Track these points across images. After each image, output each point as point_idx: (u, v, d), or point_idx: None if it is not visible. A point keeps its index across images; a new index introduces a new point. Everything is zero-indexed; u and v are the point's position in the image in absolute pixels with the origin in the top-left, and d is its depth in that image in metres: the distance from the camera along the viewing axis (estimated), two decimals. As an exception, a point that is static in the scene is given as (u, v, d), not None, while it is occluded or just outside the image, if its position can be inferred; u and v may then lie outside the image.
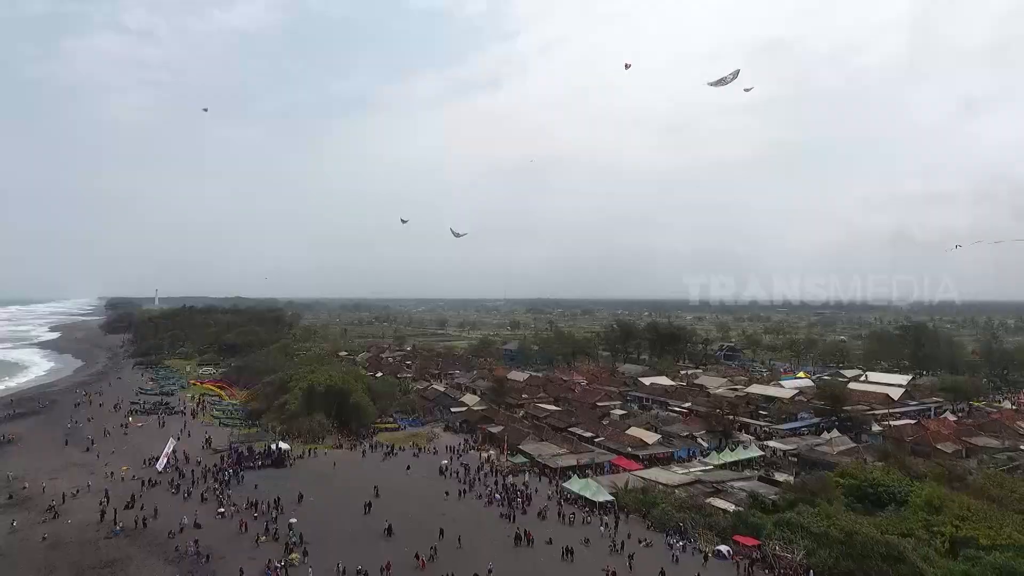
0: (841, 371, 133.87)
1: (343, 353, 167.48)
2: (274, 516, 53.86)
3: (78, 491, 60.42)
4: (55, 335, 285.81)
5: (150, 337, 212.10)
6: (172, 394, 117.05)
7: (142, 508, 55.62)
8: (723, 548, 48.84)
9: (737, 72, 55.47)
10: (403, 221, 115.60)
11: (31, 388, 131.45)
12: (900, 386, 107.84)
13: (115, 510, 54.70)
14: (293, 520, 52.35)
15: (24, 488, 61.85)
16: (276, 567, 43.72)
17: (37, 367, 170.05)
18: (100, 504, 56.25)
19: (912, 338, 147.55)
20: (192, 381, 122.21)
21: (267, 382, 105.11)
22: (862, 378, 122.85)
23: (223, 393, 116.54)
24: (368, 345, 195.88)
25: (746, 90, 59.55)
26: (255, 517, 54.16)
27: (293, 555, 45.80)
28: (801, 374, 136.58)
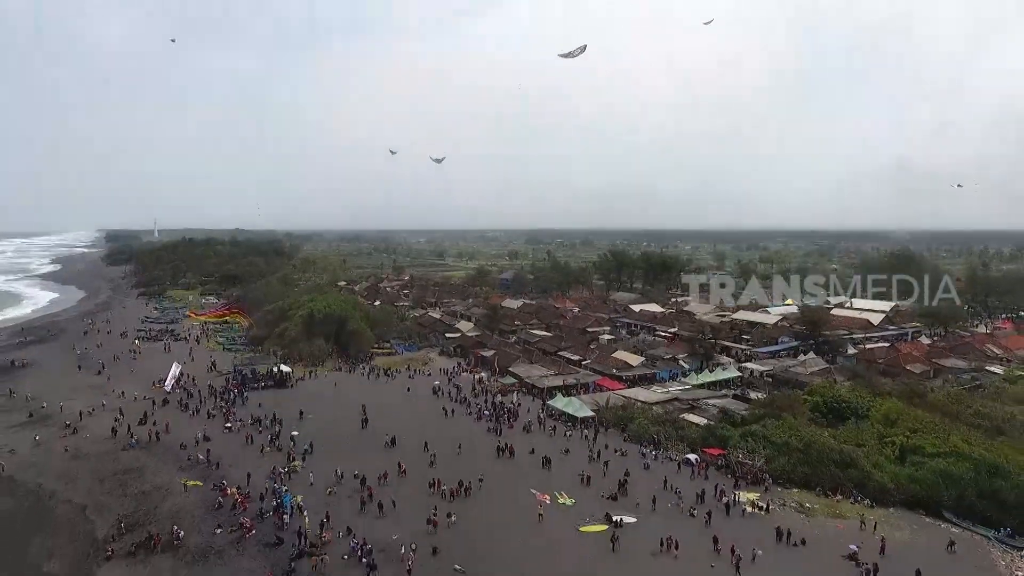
0: (828, 298, 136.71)
1: (342, 283, 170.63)
2: (277, 430, 57.95)
3: (93, 410, 64.40)
4: (57, 267, 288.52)
5: (151, 269, 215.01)
6: (176, 322, 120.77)
7: (154, 424, 59.67)
8: (691, 457, 52.99)
9: (584, 47, 59.16)
10: (392, 152, 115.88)
11: (39, 318, 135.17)
12: (881, 312, 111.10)
13: (128, 426, 58.80)
14: (295, 433, 56.48)
15: (43, 407, 65.89)
16: (280, 472, 47.86)
17: (41, 298, 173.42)
18: (115, 420, 60.27)
19: (901, 266, 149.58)
20: (189, 313, 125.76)
21: (268, 310, 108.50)
22: (847, 304, 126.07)
23: (225, 316, 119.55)
24: (367, 275, 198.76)
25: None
26: (259, 431, 58.35)
27: (295, 462, 49.97)
28: (788, 300, 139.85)
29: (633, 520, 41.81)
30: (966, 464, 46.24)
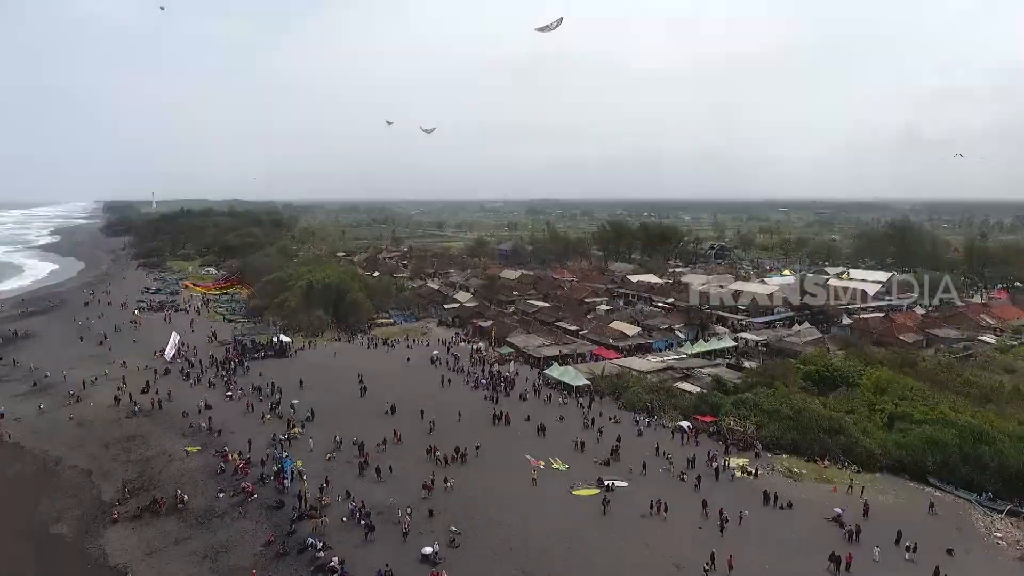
0: (825, 269, 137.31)
1: (341, 254, 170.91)
2: (277, 399, 58.95)
3: (96, 379, 65.36)
4: (56, 238, 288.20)
5: (150, 239, 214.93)
6: (177, 293, 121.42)
7: (157, 393, 60.69)
8: (684, 424, 54.01)
9: (560, 19, 59.83)
10: (388, 123, 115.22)
11: (39, 289, 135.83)
12: (878, 283, 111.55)
13: (130, 394, 59.81)
14: (295, 401, 57.50)
15: (46, 377, 66.89)
16: (280, 439, 48.94)
17: (41, 269, 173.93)
18: (117, 389, 61.26)
19: (899, 237, 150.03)
20: (185, 284, 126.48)
21: (267, 281, 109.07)
22: (844, 275, 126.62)
23: (209, 289, 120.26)
24: (366, 246, 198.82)
25: None
26: (260, 400, 59.39)
27: (295, 429, 51.04)
28: (786, 272, 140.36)
29: (624, 484, 42.93)
30: (951, 431, 47.21)
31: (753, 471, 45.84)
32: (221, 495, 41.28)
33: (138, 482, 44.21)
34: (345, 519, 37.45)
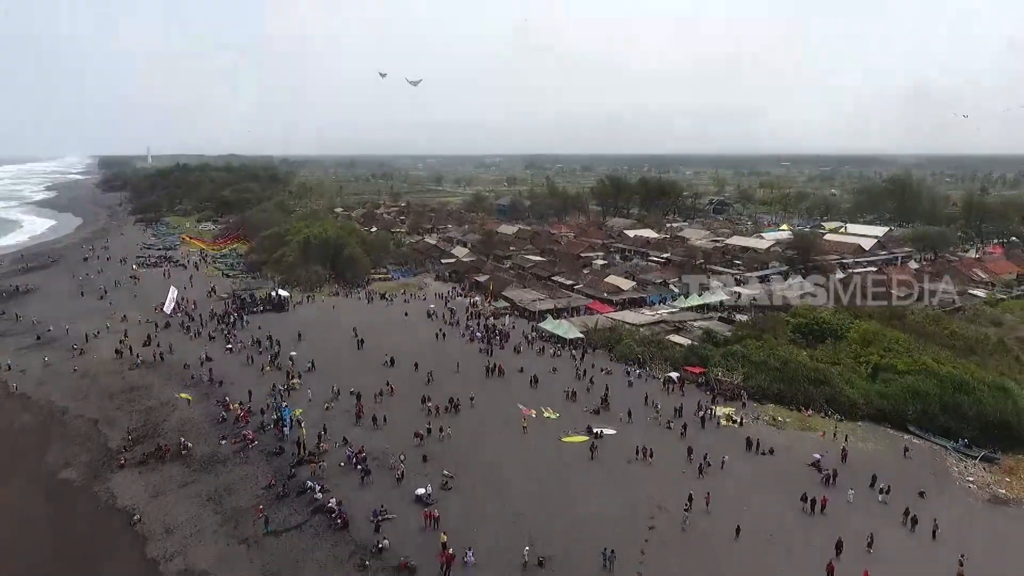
0: (823, 223, 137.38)
1: (339, 209, 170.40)
2: (276, 351, 60.18)
3: (98, 332, 66.52)
4: (52, 194, 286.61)
5: (147, 195, 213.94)
6: (174, 248, 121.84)
7: (158, 346, 61.92)
8: (673, 375, 55.28)
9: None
10: (381, 75, 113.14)
11: (38, 244, 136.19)
12: (874, 237, 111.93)
13: (130, 347, 61.02)
14: (293, 353, 58.71)
15: (49, 330, 68.06)
16: (279, 390, 50.29)
17: (38, 225, 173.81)
18: (119, 343, 62.48)
19: (897, 192, 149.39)
20: (183, 237, 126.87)
21: (265, 236, 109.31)
22: (841, 230, 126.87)
23: (208, 246, 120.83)
24: (363, 202, 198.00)
25: None
26: (259, 352, 60.64)
27: (294, 380, 52.37)
28: (784, 226, 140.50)
29: (613, 432, 44.39)
30: (933, 381, 48.51)
31: (738, 419, 47.28)
32: (223, 442, 42.77)
33: (142, 430, 45.72)
34: (342, 464, 38.99)
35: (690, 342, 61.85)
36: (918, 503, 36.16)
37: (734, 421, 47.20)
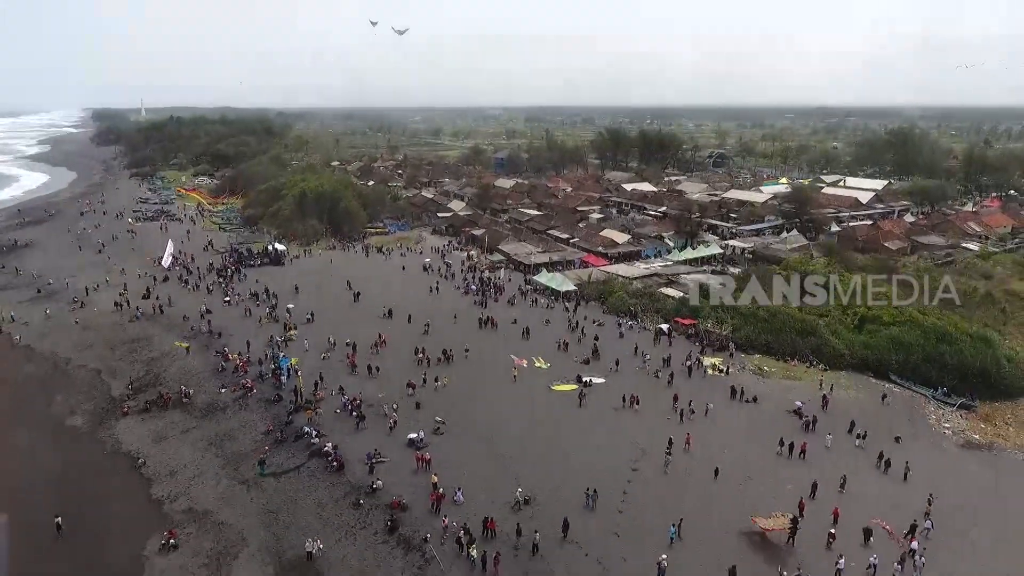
0: (822, 177, 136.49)
1: (335, 163, 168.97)
2: (274, 303, 61.09)
3: (98, 286, 67.34)
4: (46, 148, 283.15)
5: (141, 149, 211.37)
6: (171, 203, 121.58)
7: (157, 298, 62.79)
8: (664, 327, 56.28)
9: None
10: (372, 23, 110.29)
11: (34, 199, 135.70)
12: (872, 190, 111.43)
13: (127, 300, 61.93)
14: (290, 306, 59.61)
15: (49, 284, 68.88)
16: (277, 340, 51.39)
17: (33, 180, 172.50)
18: (119, 295, 63.35)
19: (898, 144, 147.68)
20: (179, 189, 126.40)
21: (261, 190, 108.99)
22: (840, 183, 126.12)
23: (205, 201, 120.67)
24: (360, 155, 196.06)
25: None
26: (257, 305, 61.56)
27: (291, 331, 53.41)
28: (783, 180, 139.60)
29: (602, 381, 45.61)
30: (916, 332, 49.52)
31: (724, 369, 48.46)
32: (223, 391, 44.07)
33: (144, 380, 47.01)
34: (338, 411, 40.31)
35: (682, 294, 62.62)
36: (894, 448, 37.56)
37: (720, 370, 48.38)
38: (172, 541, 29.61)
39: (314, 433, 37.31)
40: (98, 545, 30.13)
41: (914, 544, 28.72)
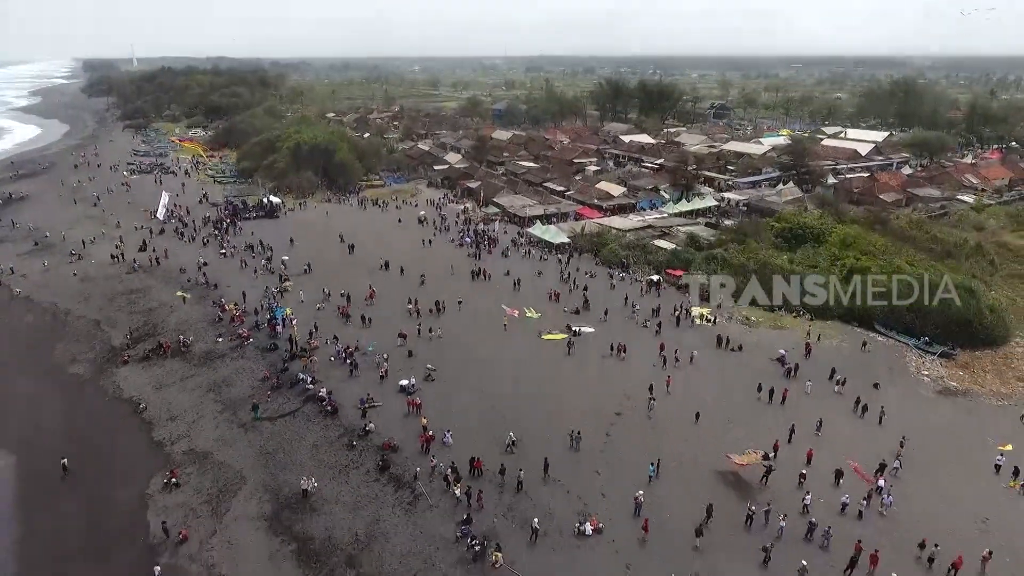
0: (823, 128, 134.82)
1: (331, 114, 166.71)
2: (269, 255, 61.64)
3: (94, 239, 67.79)
4: (37, 99, 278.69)
5: (133, 100, 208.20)
6: (165, 155, 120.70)
7: (153, 251, 63.33)
8: (655, 277, 56.95)
9: None
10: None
11: (26, 152, 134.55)
12: (872, 142, 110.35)
13: (122, 253, 62.49)
14: (285, 258, 60.22)
15: (46, 237, 69.29)
16: (273, 291, 52.17)
17: (25, 132, 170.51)
18: (115, 248, 63.86)
19: (902, 95, 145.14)
20: (172, 139, 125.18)
21: (255, 142, 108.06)
22: (841, 135, 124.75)
23: (203, 152, 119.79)
24: (356, 107, 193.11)
25: None
26: (253, 257, 62.15)
27: (287, 283, 54.14)
28: (784, 131, 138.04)
29: (591, 330, 46.54)
30: (903, 283, 50.05)
31: (712, 319, 49.34)
32: (220, 340, 45.09)
33: (143, 330, 48.00)
34: (332, 359, 41.39)
35: (674, 246, 63.06)
36: (872, 394, 38.73)
37: (708, 320, 49.26)
38: (174, 480, 31.01)
39: (309, 380, 38.44)
40: (104, 485, 31.53)
41: (881, 482, 30.05)
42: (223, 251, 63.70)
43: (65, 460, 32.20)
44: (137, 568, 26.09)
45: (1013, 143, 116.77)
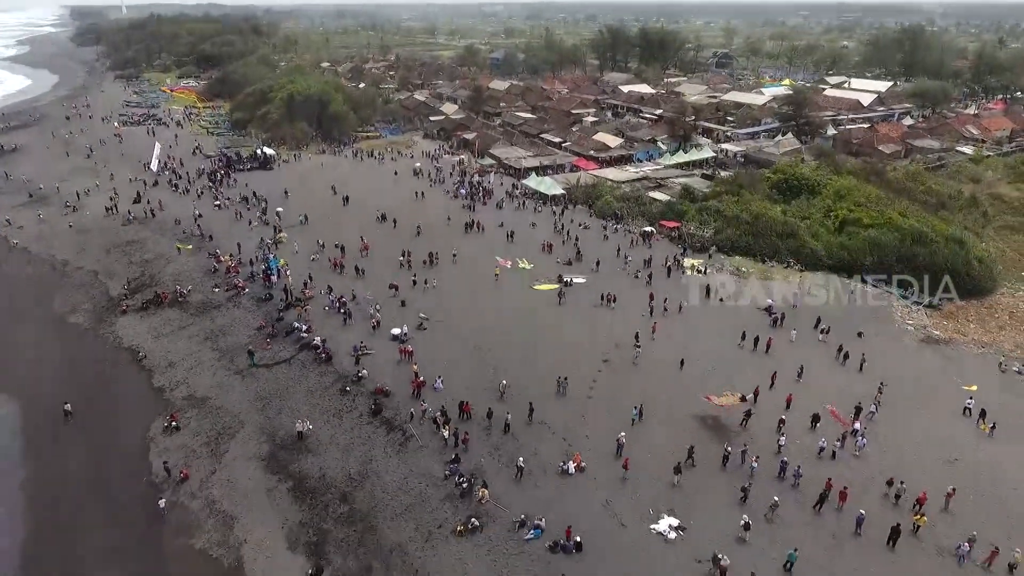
0: (827, 78, 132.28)
1: (325, 64, 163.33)
2: (263, 207, 61.72)
3: (89, 191, 67.70)
4: (25, 49, 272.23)
5: (124, 49, 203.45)
6: (157, 106, 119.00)
7: (148, 203, 63.37)
8: (648, 229, 57.16)
9: None
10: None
11: (17, 103, 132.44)
12: (875, 92, 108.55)
13: (116, 205, 62.60)
14: (280, 210, 60.31)
15: (40, 188, 69.18)
16: (267, 243, 52.54)
17: (14, 83, 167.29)
18: (111, 200, 63.91)
19: (908, 43, 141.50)
20: (164, 89, 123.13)
21: (248, 93, 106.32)
22: (845, 85, 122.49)
23: (199, 101, 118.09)
24: (351, 56, 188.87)
25: None
26: (247, 208, 62.23)
27: (281, 234, 54.47)
28: (786, 81, 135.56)
29: (582, 280, 47.10)
30: (894, 233, 50.40)
31: (703, 269, 49.85)
32: (216, 290, 45.74)
33: (140, 280, 48.62)
34: (326, 308, 42.12)
35: (669, 198, 63.01)
36: (855, 342, 39.57)
37: (699, 271, 49.77)
38: (174, 424, 32.13)
39: (304, 328, 39.23)
40: (106, 428, 32.69)
41: (856, 425, 31.11)
42: (217, 203, 63.72)
43: (68, 405, 33.25)
44: (141, 503, 27.41)
45: (1019, 93, 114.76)
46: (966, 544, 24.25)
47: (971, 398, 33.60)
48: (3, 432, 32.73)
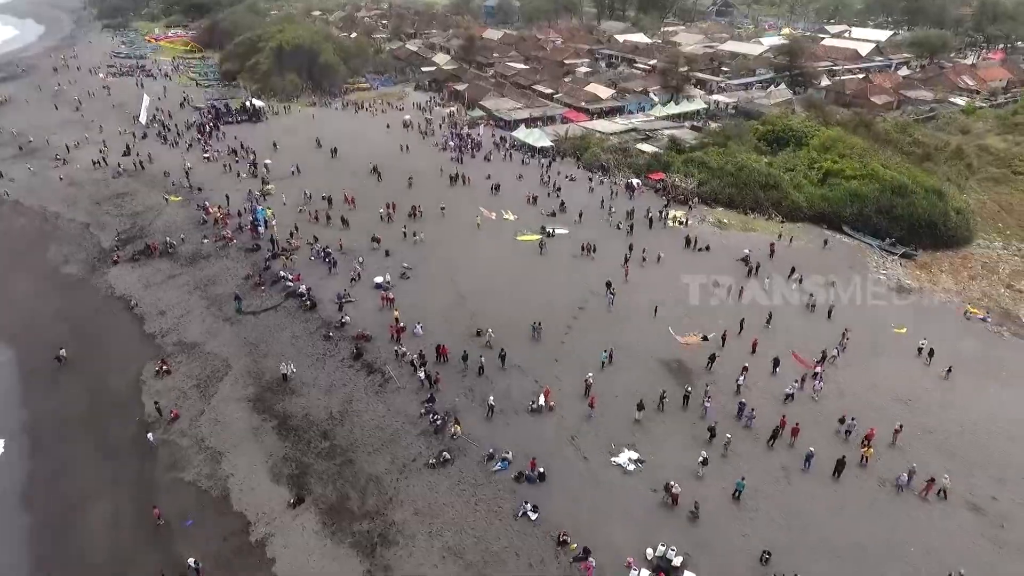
0: (826, 27, 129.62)
1: (316, 12, 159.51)
2: (252, 160, 61.98)
3: (78, 143, 67.73)
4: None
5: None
6: (145, 57, 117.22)
7: (137, 155, 63.57)
8: (634, 181, 57.60)
9: None
10: None
11: (3, 55, 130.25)
12: (873, 42, 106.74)
13: (104, 159, 62.70)
14: (268, 162, 60.63)
15: (30, 141, 69.17)
16: (256, 195, 53.17)
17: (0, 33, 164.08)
18: (100, 152, 64.08)
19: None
20: (149, 38, 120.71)
21: (237, 43, 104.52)
22: (845, 34, 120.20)
23: (194, 49, 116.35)
24: (343, 3, 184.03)
25: None
26: (236, 161, 62.48)
27: (269, 186, 55.03)
28: (786, 30, 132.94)
29: (565, 231, 47.90)
30: (875, 185, 51.05)
31: (685, 220, 50.60)
32: (205, 241, 46.66)
33: (131, 232, 49.50)
34: (312, 258, 43.14)
35: (656, 150, 63.16)
36: (827, 291, 40.73)
37: (681, 223, 50.52)
38: (165, 368, 33.59)
39: (289, 277, 40.34)
40: (99, 372, 34.19)
41: (818, 369, 32.52)
42: (206, 155, 63.94)
43: (63, 351, 34.66)
44: (133, 440, 29.09)
45: (1020, 43, 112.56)
46: (905, 475, 25.91)
47: (924, 339, 35.01)
48: (3, 376, 34.27)
